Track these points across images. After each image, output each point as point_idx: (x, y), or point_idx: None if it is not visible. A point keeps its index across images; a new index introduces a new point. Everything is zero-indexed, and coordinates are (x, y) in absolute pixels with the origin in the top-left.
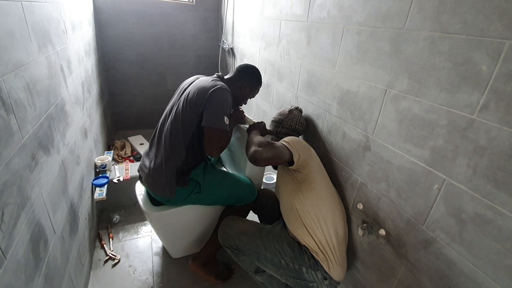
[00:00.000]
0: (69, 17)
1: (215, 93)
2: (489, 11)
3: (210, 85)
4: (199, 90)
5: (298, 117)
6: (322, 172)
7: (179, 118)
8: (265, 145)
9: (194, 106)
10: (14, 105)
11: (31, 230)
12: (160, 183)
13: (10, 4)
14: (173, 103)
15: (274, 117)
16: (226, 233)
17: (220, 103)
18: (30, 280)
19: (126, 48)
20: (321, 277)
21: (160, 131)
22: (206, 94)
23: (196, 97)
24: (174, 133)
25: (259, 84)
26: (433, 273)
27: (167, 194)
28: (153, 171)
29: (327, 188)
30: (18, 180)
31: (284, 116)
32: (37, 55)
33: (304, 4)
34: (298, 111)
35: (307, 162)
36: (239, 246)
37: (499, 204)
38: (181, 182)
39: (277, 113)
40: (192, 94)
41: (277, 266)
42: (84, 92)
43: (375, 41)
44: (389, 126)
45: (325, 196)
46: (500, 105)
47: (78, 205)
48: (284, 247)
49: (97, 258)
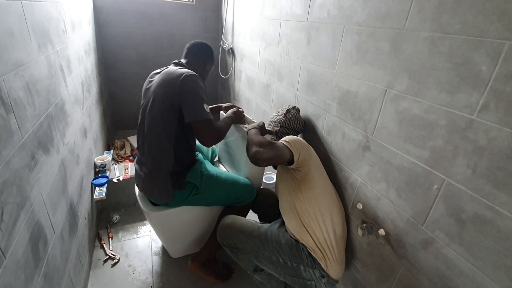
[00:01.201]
0: (69, 16)
1: (185, 83)
2: (489, 11)
3: (176, 75)
4: (167, 87)
5: (296, 116)
6: (321, 171)
7: (158, 120)
8: (266, 145)
9: (168, 105)
10: (13, 105)
11: (30, 229)
12: (156, 189)
13: (10, 4)
14: (144, 107)
15: (272, 117)
16: (224, 232)
17: (194, 92)
18: (29, 279)
19: (126, 47)
20: (319, 275)
21: (143, 137)
22: (176, 87)
23: (167, 95)
24: (157, 137)
25: (213, 58)
26: (432, 273)
27: (165, 199)
28: (147, 178)
29: (326, 187)
30: (18, 180)
31: (282, 115)
32: (37, 54)
33: (304, 4)
34: (296, 110)
35: (307, 161)
36: (238, 244)
37: (498, 205)
38: (178, 185)
39: (275, 113)
40: (161, 94)
41: (275, 264)
42: (84, 91)
43: (375, 41)
44: (388, 126)
45: (323, 194)
46: (499, 106)
47: (78, 204)
48: (282, 246)
49: (97, 257)
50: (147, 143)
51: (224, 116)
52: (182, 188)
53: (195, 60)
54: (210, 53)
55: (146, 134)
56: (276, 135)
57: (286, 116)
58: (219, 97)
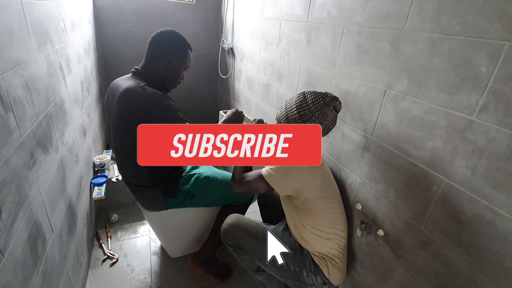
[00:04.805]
0: (69, 15)
1: (154, 112)
2: (489, 12)
3: (141, 102)
4: (128, 118)
5: (299, 101)
6: (325, 197)
7: (125, 142)
8: (237, 180)
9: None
10: (12, 103)
11: (29, 228)
12: (147, 201)
13: (10, 2)
14: (109, 124)
15: (281, 115)
16: (229, 231)
17: (168, 115)
18: (27, 278)
19: (126, 47)
20: (320, 282)
21: (117, 152)
22: (141, 118)
23: (131, 126)
24: (129, 155)
25: (186, 49)
26: (431, 274)
27: (159, 208)
28: (134, 192)
29: (330, 210)
30: (17, 179)
31: (284, 109)
32: (36, 53)
33: (304, 4)
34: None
35: (302, 192)
36: (242, 245)
37: (497, 206)
38: (169, 194)
39: (279, 111)
40: (124, 123)
41: (278, 267)
42: (83, 91)
43: (375, 41)
44: (388, 127)
45: (326, 218)
46: (499, 107)
47: (77, 204)
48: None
49: (95, 257)
50: (120, 160)
51: (223, 119)
52: (174, 196)
53: (153, 60)
54: (170, 47)
55: (118, 150)
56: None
57: (286, 108)
58: (219, 97)
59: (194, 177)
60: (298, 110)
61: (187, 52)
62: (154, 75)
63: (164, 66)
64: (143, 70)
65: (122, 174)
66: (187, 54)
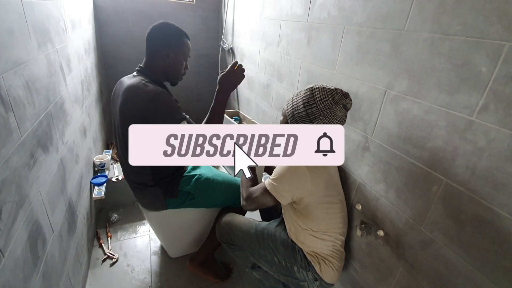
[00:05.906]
0: (69, 15)
1: (153, 108)
2: (489, 12)
3: (141, 98)
4: (129, 114)
5: (304, 97)
6: (327, 202)
7: (127, 138)
8: (245, 198)
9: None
10: (13, 103)
11: (29, 228)
12: (147, 201)
13: (10, 2)
14: (114, 121)
15: (287, 111)
16: (222, 228)
17: (167, 112)
18: (28, 278)
19: (126, 47)
20: (312, 278)
21: (121, 149)
22: (142, 114)
23: (132, 122)
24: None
25: (182, 38)
26: (431, 274)
27: (159, 208)
28: (135, 189)
29: (331, 216)
30: (17, 178)
31: (290, 105)
32: (37, 53)
33: (305, 4)
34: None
35: (304, 199)
36: (235, 241)
37: (497, 206)
38: (169, 194)
39: (286, 106)
40: (125, 119)
41: (270, 263)
42: (83, 90)
43: (375, 42)
44: (388, 127)
45: (326, 222)
46: (499, 107)
47: (77, 203)
48: (277, 245)
49: (95, 257)
50: (124, 158)
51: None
52: (174, 196)
53: (152, 56)
54: (165, 39)
55: (121, 149)
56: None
57: (293, 104)
58: None
59: (194, 178)
60: (305, 107)
61: (183, 41)
62: (155, 70)
63: (163, 60)
64: (146, 67)
65: (125, 171)
66: (183, 43)
